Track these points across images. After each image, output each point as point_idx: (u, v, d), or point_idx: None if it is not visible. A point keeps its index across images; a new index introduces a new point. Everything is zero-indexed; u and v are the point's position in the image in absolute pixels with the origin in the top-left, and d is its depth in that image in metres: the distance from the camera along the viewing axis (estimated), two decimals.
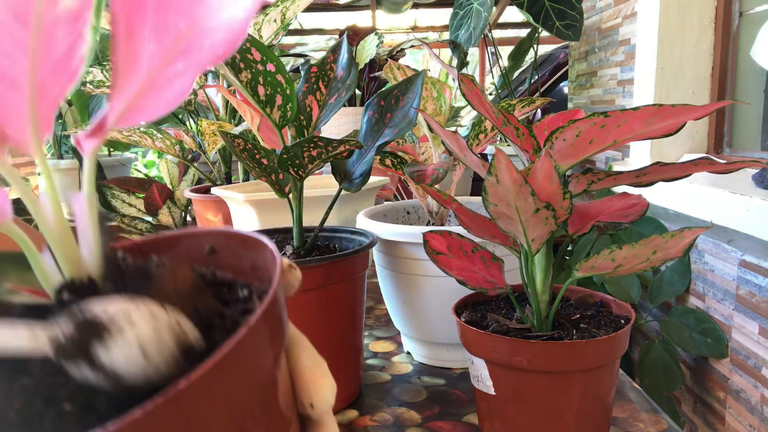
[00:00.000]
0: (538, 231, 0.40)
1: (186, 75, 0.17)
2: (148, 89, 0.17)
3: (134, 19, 0.17)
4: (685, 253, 0.42)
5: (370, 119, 0.58)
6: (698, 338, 1.32)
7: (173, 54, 0.17)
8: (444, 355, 0.65)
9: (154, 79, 0.17)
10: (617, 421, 0.52)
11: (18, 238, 0.18)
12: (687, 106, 0.34)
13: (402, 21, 3.55)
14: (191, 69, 0.17)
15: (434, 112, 0.68)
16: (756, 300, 1.17)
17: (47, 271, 0.18)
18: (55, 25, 0.16)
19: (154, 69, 0.17)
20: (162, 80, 0.17)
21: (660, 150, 1.64)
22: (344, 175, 0.57)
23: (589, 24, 2.13)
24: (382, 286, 0.67)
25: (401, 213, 0.77)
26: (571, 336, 0.44)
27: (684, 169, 0.39)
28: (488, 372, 0.44)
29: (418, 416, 0.55)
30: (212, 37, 0.16)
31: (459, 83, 0.41)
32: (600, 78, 2.06)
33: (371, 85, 1.60)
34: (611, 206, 0.46)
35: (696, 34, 1.58)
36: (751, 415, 1.19)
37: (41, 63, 0.17)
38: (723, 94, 1.57)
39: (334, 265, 0.52)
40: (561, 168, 0.40)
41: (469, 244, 0.49)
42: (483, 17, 1.90)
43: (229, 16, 0.16)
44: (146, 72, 0.17)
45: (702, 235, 1.38)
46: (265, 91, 0.49)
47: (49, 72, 0.17)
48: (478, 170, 0.45)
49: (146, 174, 2.76)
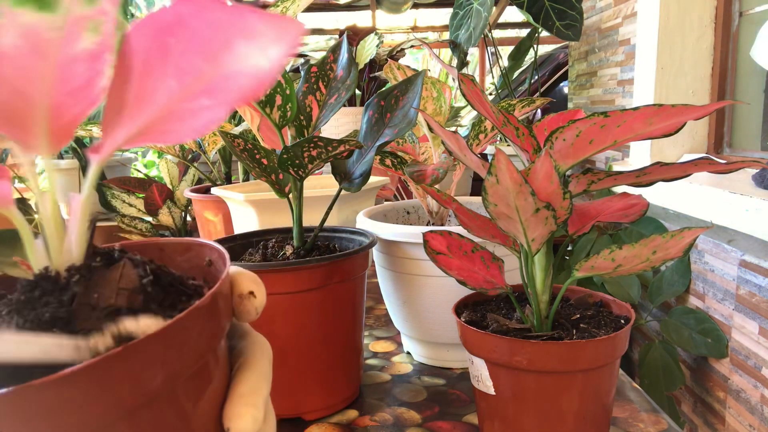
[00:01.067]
0: (538, 231, 0.40)
1: (214, 109, 0.19)
2: (167, 118, 0.20)
3: (154, 59, 0.20)
4: (685, 253, 0.42)
5: (370, 119, 0.58)
6: (698, 338, 1.32)
7: (195, 91, 0.19)
8: (444, 355, 0.65)
9: (173, 110, 0.20)
10: (617, 421, 0.52)
11: (18, 221, 0.21)
12: (687, 106, 0.34)
13: (402, 21, 3.56)
14: (220, 105, 0.19)
15: (434, 112, 0.68)
16: (756, 300, 1.17)
17: (37, 253, 0.21)
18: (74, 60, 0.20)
19: (174, 102, 0.20)
20: (183, 112, 0.19)
21: (660, 150, 1.64)
22: (344, 175, 0.57)
23: (589, 24, 2.13)
24: (382, 286, 0.67)
25: (401, 213, 0.77)
26: (571, 336, 0.44)
27: (684, 169, 0.39)
28: (488, 372, 0.44)
29: (418, 416, 0.55)
30: (239, 80, 0.19)
31: (459, 83, 0.41)
32: (600, 78, 2.06)
33: (371, 85, 1.60)
34: (611, 206, 0.46)
35: (696, 34, 1.58)
36: (751, 415, 1.19)
37: (58, 88, 0.20)
38: (723, 94, 1.58)
39: (334, 265, 0.52)
40: (561, 168, 0.40)
41: (469, 244, 0.49)
42: (483, 17, 1.90)
43: (255, 64, 0.19)
44: (164, 104, 0.20)
45: (702, 235, 1.38)
46: (265, 90, 0.49)
47: (66, 95, 0.20)
48: (478, 170, 0.45)
49: (146, 174, 2.76)
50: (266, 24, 0.19)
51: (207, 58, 0.19)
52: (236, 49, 0.19)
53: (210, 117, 0.19)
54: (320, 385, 0.54)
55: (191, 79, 0.19)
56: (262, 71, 0.18)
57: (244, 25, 0.19)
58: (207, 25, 0.19)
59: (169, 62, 0.19)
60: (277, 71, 0.18)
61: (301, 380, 0.53)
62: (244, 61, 0.19)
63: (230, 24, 0.19)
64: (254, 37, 0.19)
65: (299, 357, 0.52)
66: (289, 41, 0.19)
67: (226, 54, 0.19)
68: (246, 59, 0.19)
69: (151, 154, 3.23)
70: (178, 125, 0.20)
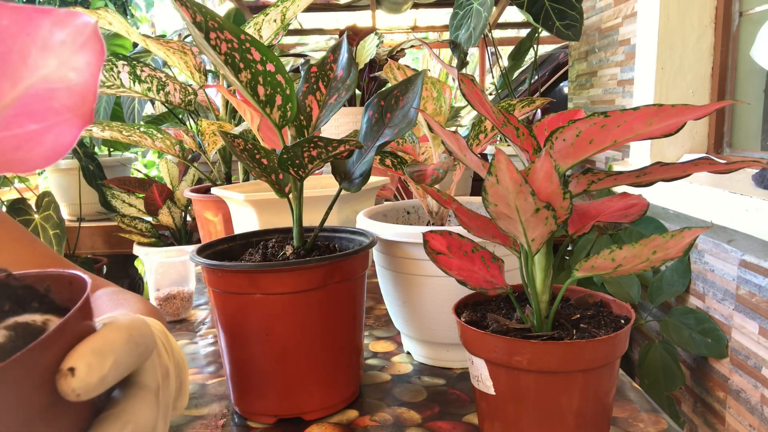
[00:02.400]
0: (538, 231, 0.40)
1: (55, 131, 0.17)
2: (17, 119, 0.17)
3: None
4: (685, 253, 0.42)
5: (370, 119, 0.58)
6: (698, 338, 1.32)
7: (7, 116, 0.17)
8: (444, 355, 0.65)
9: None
10: (617, 421, 0.52)
11: None
12: (687, 106, 0.34)
13: (402, 21, 3.55)
14: (57, 126, 0.17)
15: (434, 112, 0.68)
16: (756, 300, 1.17)
17: None
18: None
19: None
20: (12, 140, 0.17)
21: (660, 150, 1.64)
22: (344, 175, 0.57)
23: (589, 24, 2.13)
24: (382, 286, 0.67)
25: (401, 213, 0.77)
26: (571, 336, 0.44)
27: (684, 169, 0.39)
28: (488, 372, 0.44)
29: (418, 416, 0.55)
30: (55, 97, 0.17)
31: (459, 83, 0.41)
32: (600, 78, 2.06)
33: (371, 85, 1.60)
34: (611, 206, 0.46)
35: (696, 34, 1.58)
36: (751, 415, 1.19)
37: None
38: (723, 94, 1.58)
39: (334, 265, 0.52)
40: (561, 168, 0.40)
41: (469, 244, 0.49)
42: (483, 17, 1.90)
43: (62, 77, 0.17)
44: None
45: (702, 235, 1.38)
46: (265, 91, 0.49)
47: None
48: (478, 170, 0.45)
49: (146, 174, 2.76)
50: (60, 27, 0.16)
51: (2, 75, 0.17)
52: (32, 62, 0.16)
53: (56, 140, 0.17)
54: (320, 385, 0.54)
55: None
56: (75, 85, 0.17)
57: (36, 32, 0.16)
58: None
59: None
60: (94, 81, 0.17)
61: (301, 380, 0.53)
62: (46, 75, 0.16)
63: (19, 32, 0.16)
64: (49, 46, 0.16)
65: (299, 357, 0.52)
66: (91, 46, 0.16)
67: (23, 69, 0.17)
68: (47, 72, 0.16)
69: (151, 154, 3.23)
70: (15, 155, 0.18)
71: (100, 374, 0.22)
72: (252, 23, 1.12)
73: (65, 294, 0.26)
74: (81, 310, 0.23)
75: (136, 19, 3.77)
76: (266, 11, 1.11)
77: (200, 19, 0.45)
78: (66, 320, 0.21)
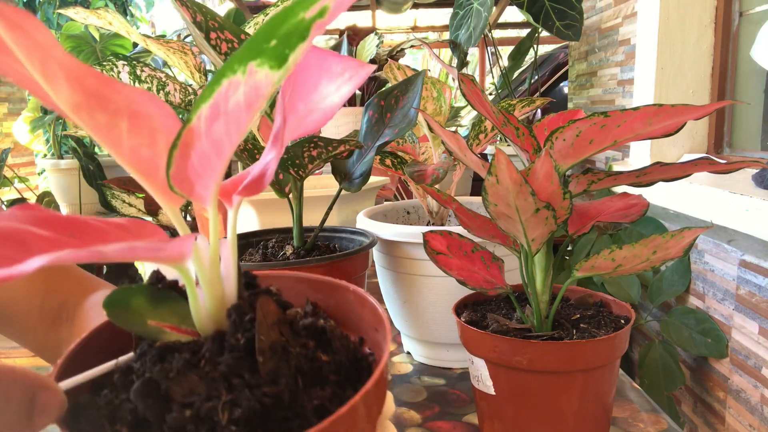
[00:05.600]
0: (538, 231, 0.40)
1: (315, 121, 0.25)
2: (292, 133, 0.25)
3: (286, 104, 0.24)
4: (685, 253, 0.42)
5: (370, 119, 0.58)
6: (698, 338, 1.32)
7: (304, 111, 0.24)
8: (444, 355, 0.65)
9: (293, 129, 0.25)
10: (617, 421, 0.52)
11: (186, 276, 0.22)
12: (687, 106, 0.34)
13: (402, 21, 3.56)
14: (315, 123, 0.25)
15: (434, 112, 0.68)
16: (756, 300, 1.17)
17: (199, 305, 0.23)
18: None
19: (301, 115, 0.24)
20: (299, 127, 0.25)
21: (660, 150, 1.64)
22: (344, 175, 0.57)
23: (589, 24, 2.13)
24: (382, 286, 0.67)
25: (401, 213, 0.77)
26: (571, 336, 0.44)
27: (684, 169, 0.39)
28: (488, 372, 0.44)
29: (418, 416, 0.55)
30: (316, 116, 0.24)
31: (459, 83, 0.41)
32: (600, 78, 2.06)
33: (371, 85, 1.60)
34: (611, 206, 0.46)
35: (696, 34, 1.58)
36: (751, 415, 1.19)
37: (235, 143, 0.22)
38: (723, 94, 1.58)
39: (334, 265, 0.52)
40: (561, 168, 0.40)
41: (469, 244, 0.49)
42: (483, 17, 1.90)
43: (331, 103, 0.23)
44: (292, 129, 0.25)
45: (702, 235, 1.38)
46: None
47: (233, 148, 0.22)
48: (478, 170, 0.45)
49: None
50: (342, 65, 0.23)
51: (301, 97, 0.24)
52: (321, 88, 0.23)
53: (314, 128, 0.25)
54: None
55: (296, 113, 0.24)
56: (333, 108, 0.23)
57: (328, 66, 0.23)
58: (302, 69, 0.23)
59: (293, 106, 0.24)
60: (339, 107, 0.23)
61: None
62: (324, 100, 0.23)
63: (318, 66, 0.23)
64: (333, 77, 0.22)
65: None
66: (357, 81, 0.22)
67: (314, 94, 0.23)
68: (326, 97, 0.23)
69: None
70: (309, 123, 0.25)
71: None
72: (252, 23, 1.12)
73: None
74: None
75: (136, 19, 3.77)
76: (266, 11, 1.11)
77: (200, 19, 0.45)
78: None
